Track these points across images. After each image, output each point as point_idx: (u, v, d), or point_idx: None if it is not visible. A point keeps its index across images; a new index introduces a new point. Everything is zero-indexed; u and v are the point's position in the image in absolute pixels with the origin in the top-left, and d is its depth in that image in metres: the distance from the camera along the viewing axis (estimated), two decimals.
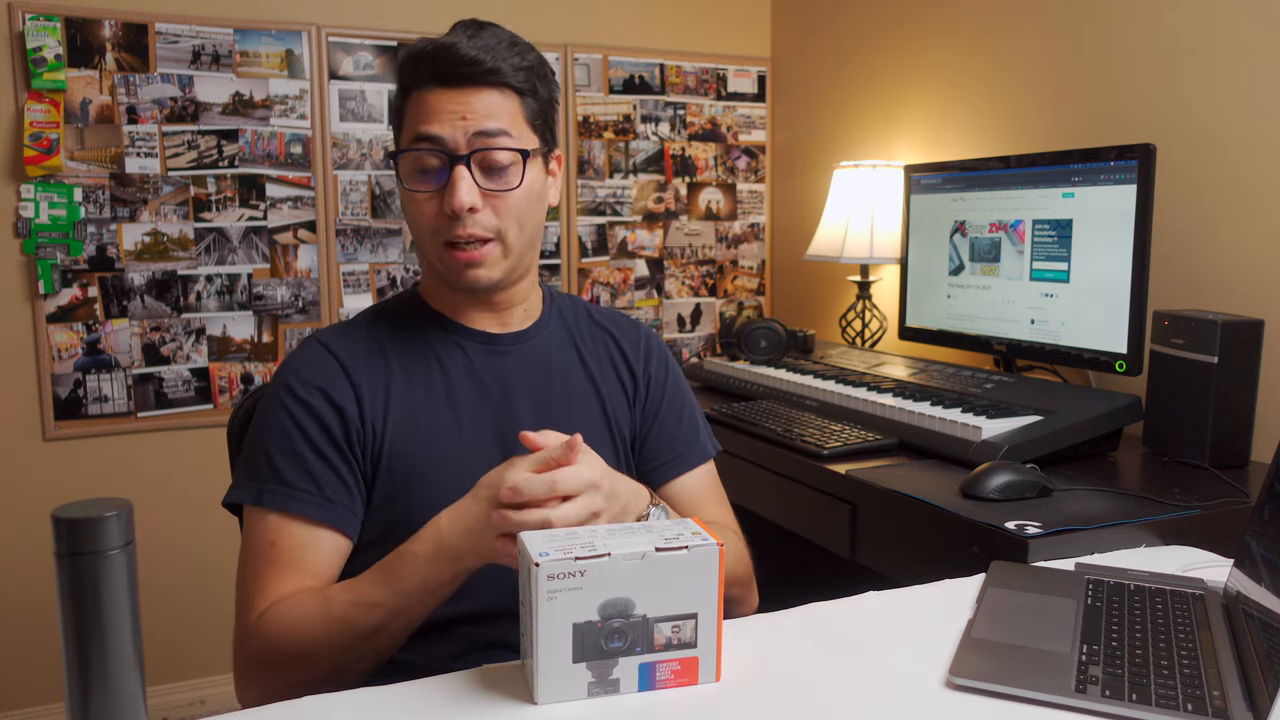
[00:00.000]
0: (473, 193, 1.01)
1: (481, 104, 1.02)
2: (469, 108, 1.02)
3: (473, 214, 1.01)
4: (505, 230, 1.04)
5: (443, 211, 1.02)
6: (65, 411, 2.32)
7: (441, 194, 1.02)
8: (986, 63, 2.22)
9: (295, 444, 1.01)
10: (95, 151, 2.30)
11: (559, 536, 0.82)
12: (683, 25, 2.89)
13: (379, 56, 2.53)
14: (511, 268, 1.07)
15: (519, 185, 1.04)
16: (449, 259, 1.04)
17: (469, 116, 1.01)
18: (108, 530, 0.58)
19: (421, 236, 1.06)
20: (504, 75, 1.03)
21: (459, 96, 1.02)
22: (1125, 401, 1.58)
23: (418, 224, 1.05)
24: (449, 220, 1.02)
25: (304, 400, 1.02)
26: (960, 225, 1.98)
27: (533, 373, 1.12)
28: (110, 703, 0.59)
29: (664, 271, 2.93)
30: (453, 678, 0.85)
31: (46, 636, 2.32)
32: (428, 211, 1.03)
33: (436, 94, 1.02)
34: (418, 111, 1.03)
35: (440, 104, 1.02)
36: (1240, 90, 1.67)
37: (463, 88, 1.02)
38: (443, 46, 1.02)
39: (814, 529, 1.62)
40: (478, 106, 1.02)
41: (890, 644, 0.92)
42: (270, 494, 0.99)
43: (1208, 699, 0.79)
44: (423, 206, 1.03)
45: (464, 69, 1.01)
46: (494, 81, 1.03)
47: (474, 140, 1.01)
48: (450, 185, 1.01)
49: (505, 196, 1.03)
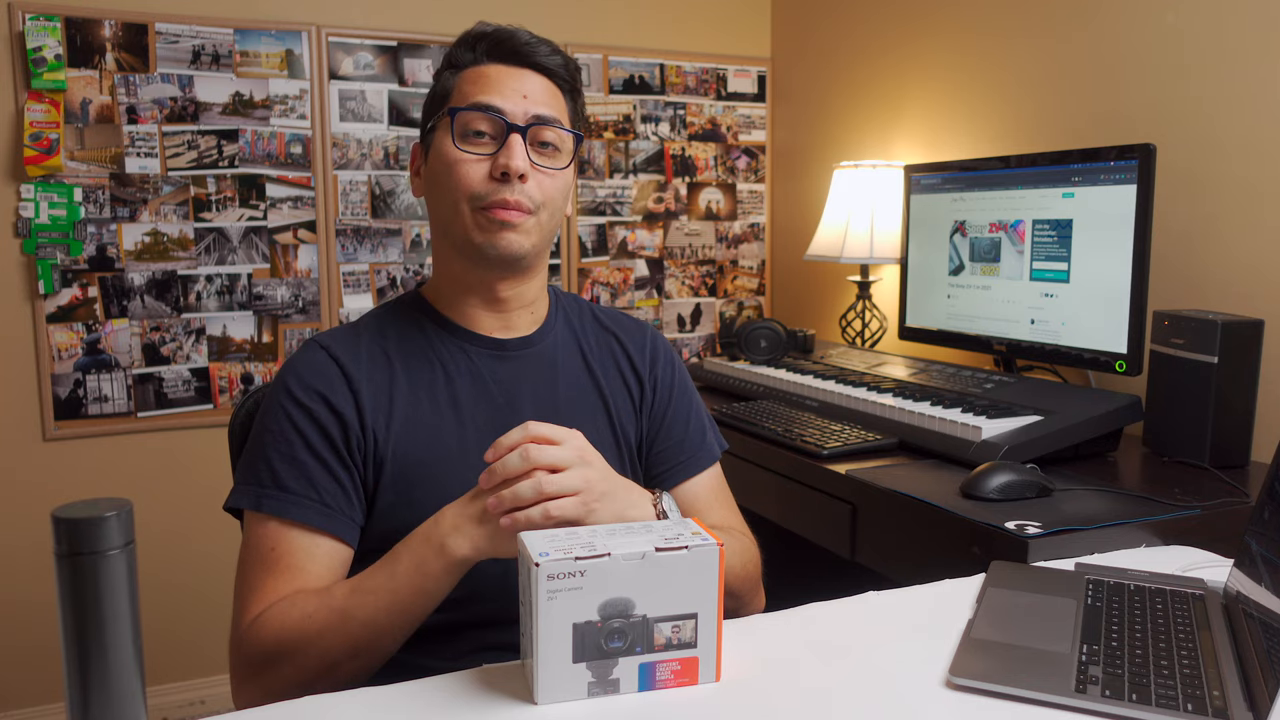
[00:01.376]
0: (526, 161, 1.03)
1: (540, 89, 1.07)
2: (528, 88, 1.06)
3: (522, 182, 1.03)
4: (542, 207, 1.06)
5: (490, 175, 1.03)
6: (65, 411, 2.33)
7: (493, 158, 1.03)
8: (986, 63, 2.22)
9: (295, 450, 1.00)
10: (95, 151, 2.30)
11: (559, 536, 0.82)
12: (683, 25, 2.89)
13: (379, 56, 2.53)
14: (536, 250, 1.08)
15: (565, 167, 1.07)
16: (486, 221, 1.04)
17: (529, 97, 1.05)
18: (108, 530, 0.58)
19: (458, 200, 1.04)
20: (556, 66, 1.08)
21: (519, 75, 1.06)
22: (1125, 401, 1.58)
23: (458, 186, 1.04)
24: (495, 184, 1.03)
25: (304, 405, 1.02)
26: (960, 225, 1.98)
27: (538, 379, 1.11)
28: (110, 703, 0.59)
29: (664, 271, 2.93)
30: (453, 678, 0.85)
31: (46, 636, 2.32)
32: (474, 174, 1.03)
33: (497, 69, 1.06)
34: (475, 83, 1.06)
35: (501, 78, 1.05)
36: (1240, 90, 1.67)
37: (523, 68, 1.06)
38: (502, 30, 1.06)
39: (814, 529, 1.62)
40: (536, 90, 1.06)
41: (890, 644, 0.92)
42: (270, 499, 0.99)
43: (1208, 699, 0.79)
44: (469, 167, 1.03)
45: (526, 49, 1.06)
46: (550, 70, 1.08)
47: (531, 119, 1.05)
48: (506, 148, 1.03)
49: (551, 174, 1.06)
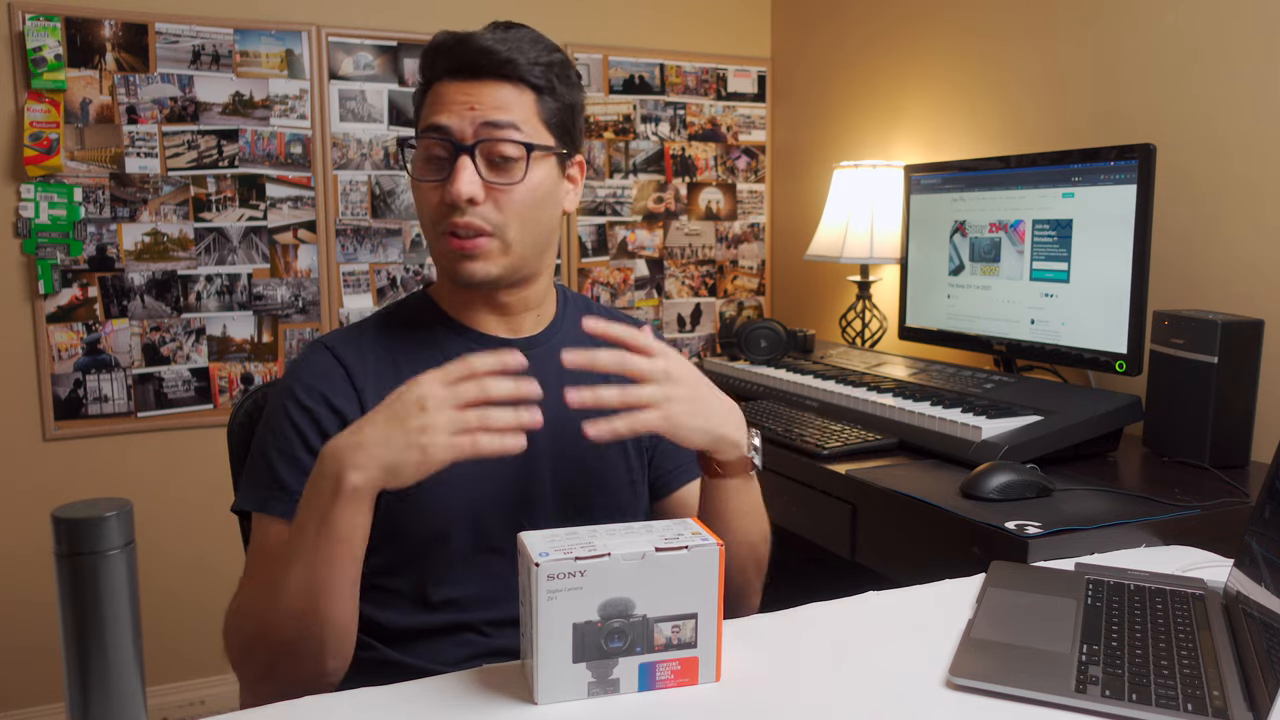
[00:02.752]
0: (473, 183, 1.00)
1: (492, 96, 1.01)
2: (478, 98, 1.01)
3: (473, 205, 1.00)
4: (505, 226, 1.02)
5: (444, 201, 1.01)
6: (65, 411, 2.32)
7: (445, 184, 1.01)
8: (986, 63, 2.22)
9: (296, 450, 1.00)
10: (95, 151, 2.30)
11: (559, 537, 0.82)
12: (683, 25, 2.89)
13: (379, 56, 2.53)
14: (513, 267, 1.05)
15: (521, 179, 1.02)
16: (447, 248, 1.03)
17: (477, 107, 1.00)
18: (108, 530, 0.58)
19: (425, 227, 1.06)
20: (519, 68, 1.01)
21: (470, 88, 1.01)
22: (1125, 401, 1.58)
23: (422, 214, 1.05)
24: (449, 210, 1.01)
25: (306, 406, 1.02)
26: (960, 225, 1.98)
27: (544, 379, 1.10)
28: (110, 703, 0.59)
29: (664, 271, 2.93)
30: (453, 678, 0.85)
31: (46, 636, 2.32)
32: (432, 201, 1.02)
33: (450, 85, 1.02)
34: (431, 103, 1.03)
35: (452, 94, 1.01)
36: (1241, 90, 1.67)
37: (476, 80, 1.01)
38: (461, 38, 1.02)
39: (814, 529, 1.62)
40: (487, 98, 1.01)
41: (890, 644, 0.92)
42: (272, 501, 0.99)
43: (1208, 699, 0.79)
44: (428, 195, 1.03)
45: (478, 59, 1.01)
46: (508, 74, 1.02)
47: (480, 130, 1.00)
48: (452, 174, 0.99)
49: (508, 191, 1.01)
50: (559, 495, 1.08)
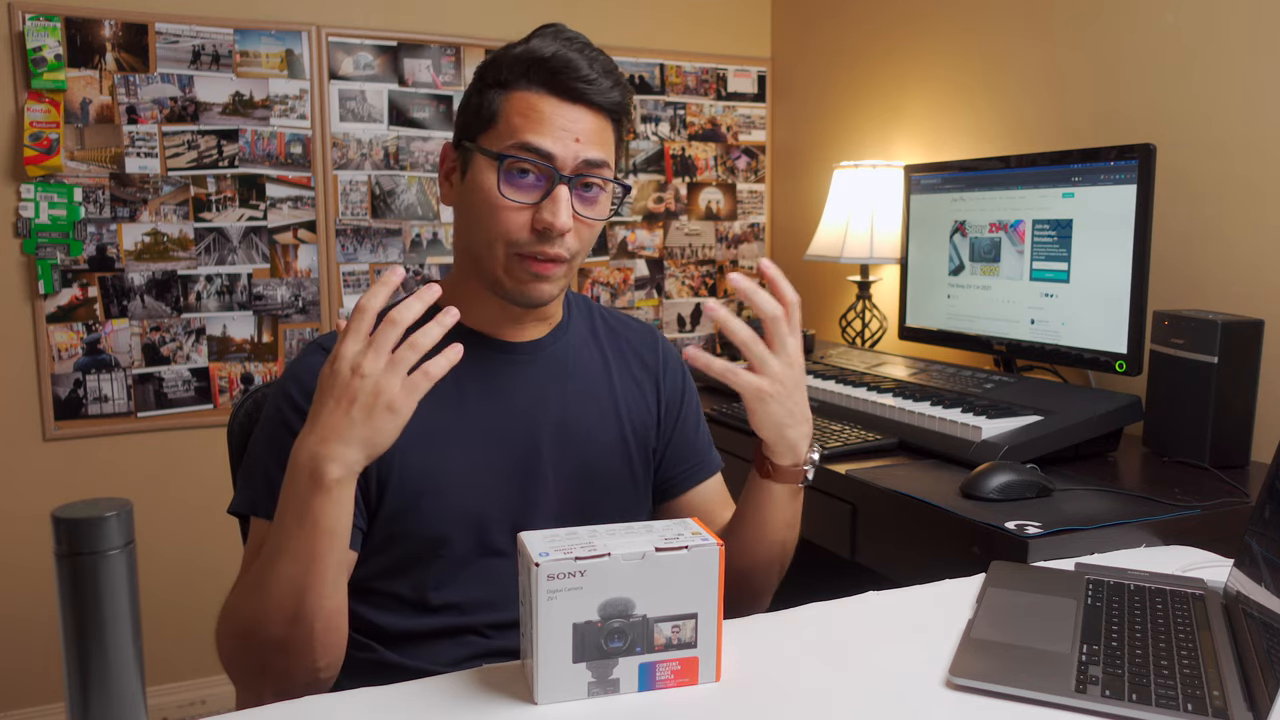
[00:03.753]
0: (569, 217, 1.00)
1: (594, 130, 1.01)
2: (581, 129, 1.00)
3: (561, 237, 1.00)
4: (577, 254, 1.04)
5: (532, 225, 0.99)
6: (65, 411, 2.32)
7: (533, 207, 0.99)
8: (986, 63, 2.22)
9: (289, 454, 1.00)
10: (95, 151, 2.30)
11: (559, 537, 0.82)
12: (683, 25, 2.89)
13: (379, 56, 2.53)
14: (562, 290, 1.08)
15: (604, 217, 1.04)
16: (520, 270, 1.01)
17: (581, 139, 1.00)
18: (108, 530, 0.58)
19: (493, 243, 1.02)
20: (613, 101, 1.02)
21: (572, 113, 1.00)
22: (1125, 401, 1.58)
23: (494, 230, 1.01)
24: (535, 235, 1.00)
25: (301, 409, 1.01)
26: (960, 225, 1.98)
27: (549, 382, 1.11)
28: (110, 703, 0.59)
29: (664, 271, 2.93)
30: (453, 678, 0.85)
31: (46, 636, 2.32)
32: (515, 221, 1.00)
33: (550, 102, 1.00)
34: (525, 116, 1.00)
35: (554, 116, 0.99)
36: (1241, 90, 1.67)
37: (576, 104, 1.00)
38: (562, 58, 1.00)
39: (814, 529, 1.62)
40: (589, 130, 1.01)
41: (890, 644, 0.92)
42: (264, 503, 0.98)
43: (1208, 699, 0.79)
44: (512, 215, 1.00)
45: (585, 85, 1.00)
46: (603, 106, 1.02)
47: (581, 166, 1.00)
48: (552, 203, 0.98)
49: (590, 225, 1.03)
50: (561, 497, 1.08)
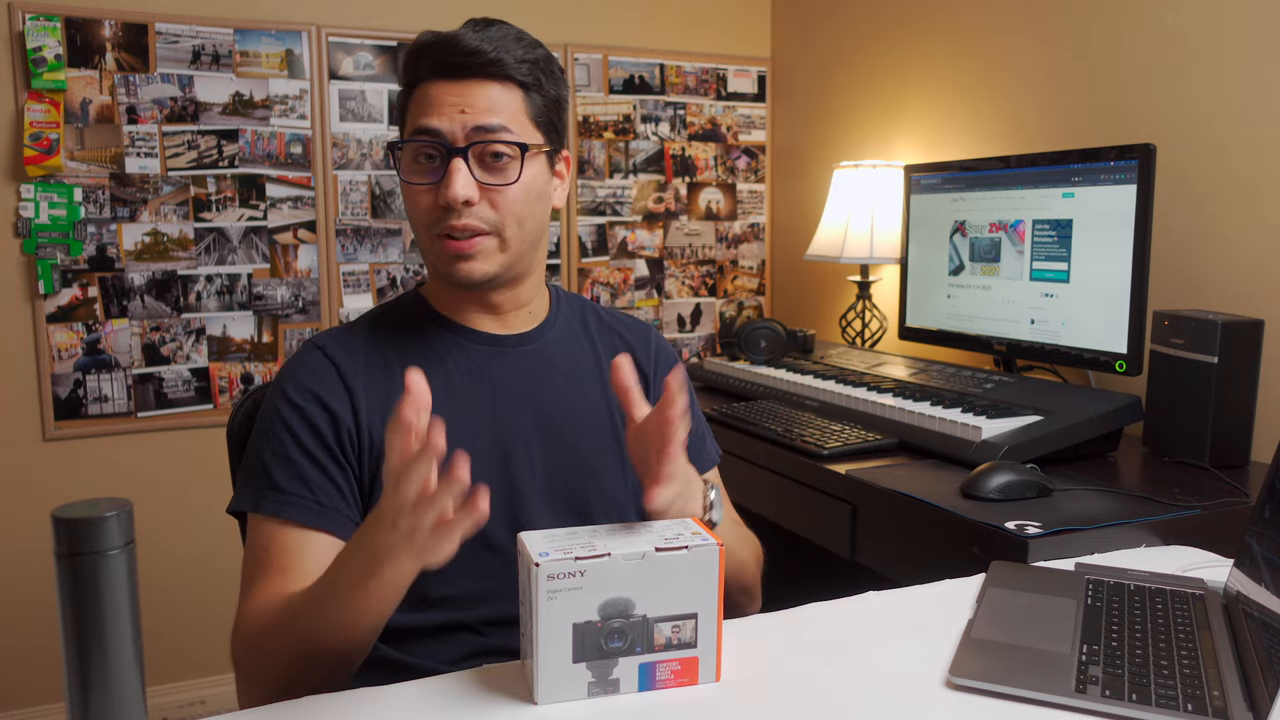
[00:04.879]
0: (469, 185, 1.00)
1: (482, 97, 1.01)
2: (468, 100, 1.01)
3: (469, 207, 1.01)
4: (503, 225, 1.03)
5: (438, 204, 1.01)
6: (65, 411, 2.32)
7: (438, 187, 1.01)
8: (986, 63, 2.22)
9: (288, 450, 1.01)
10: (95, 151, 2.30)
11: (559, 537, 0.82)
12: (683, 25, 2.89)
13: (379, 56, 2.53)
14: (509, 265, 1.06)
15: (516, 180, 1.02)
16: (442, 250, 1.03)
17: (468, 110, 1.00)
18: (108, 530, 0.58)
19: (418, 230, 1.06)
20: (506, 67, 1.01)
21: (459, 89, 1.01)
22: (1125, 401, 1.58)
23: (414, 217, 1.05)
24: (444, 212, 1.01)
25: (298, 405, 1.02)
26: (960, 225, 1.98)
27: (537, 375, 1.11)
28: (110, 703, 0.59)
29: (664, 271, 2.93)
30: (453, 678, 0.85)
31: (46, 636, 2.32)
32: (424, 204, 1.03)
33: (437, 86, 1.01)
34: (419, 105, 1.02)
35: (440, 96, 1.01)
36: (1241, 90, 1.67)
37: (463, 80, 1.01)
38: (445, 38, 1.01)
39: (814, 529, 1.62)
40: (478, 100, 1.01)
41: (890, 644, 0.92)
42: (265, 500, 0.99)
43: (1208, 699, 0.79)
44: (420, 199, 1.03)
45: (465, 59, 1.00)
46: (495, 74, 1.01)
47: (472, 134, 1.00)
48: (446, 177, 1.00)
49: (503, 191, 1.02)
50: (553, 490, 1.08)
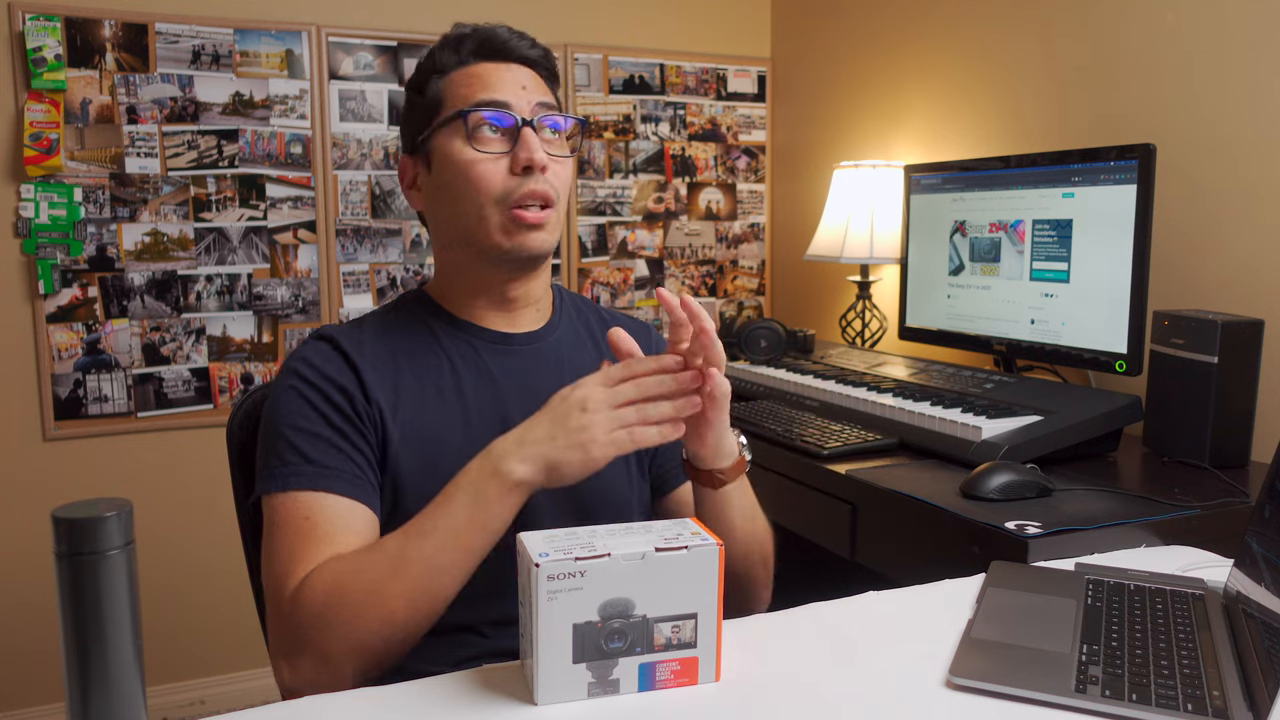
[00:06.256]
0: (543, 152, 1.04)
1: (532, 79, 1.07)
2: (522, 80, 1.06)
3: (543, 174, 1.04)
4: (559, 197, 1.07)
5: (511, 172, 1.03)
6: (65, 411, 2.32)
7: (510, 155, 1.04)
8: (986, 63, 2.22)
9: (315, 426, 1.00)
10: (95, 151, 2.30)
11: (559, 537, 0.82)
12: (683, 25, 2.89)
13: (379, 56, 2.53)
14: (554, 244, 1.09)
15: (573, 154, 1.09)
16: (514, 225, 1.04)
17: (527, 87, 1.06)
18: (108, 530, 0.58)
19: (481, 203, 1.04)
20: (540, 57, 1.09)
21: (510, 70, 1.06)
22: (1125, 401, 1.58)
23: (480, 188, 1.04)
24: (517, 180, 1.03)
25: (313, 383, 1.02)
26: (960, 225, 1.98)
27: (543, 373, 1.11)
28: (110, 703, 0.59)
29: (664, 271, 2.93)
30: (453, 678, 0.85)
31: (46, 636, 2.32)
32: (494, 173, 1.04)
33: (488, 66, 1.06)
34: (469, 84, 1.05)
35: (496, 74, 1.05)
36: (1241, 90, 1.67)
37: (509, 62, 1.07)
38: (481, 29, 1.06)
39: (814, 529, 1.62)
40: (530, 80, 1.07)
41: (890, 644, 0.92)
42: (297, 476, 0.98)
43: (1208, 699, 0.79)
44: (488, 167, 1.04)
45: (510, 45, 1.06)
46: (535, 61, 1.08)
47: (537, 109, 1.05)
48: (522, 142, 1.03)
49: (564, 163, 1.07)
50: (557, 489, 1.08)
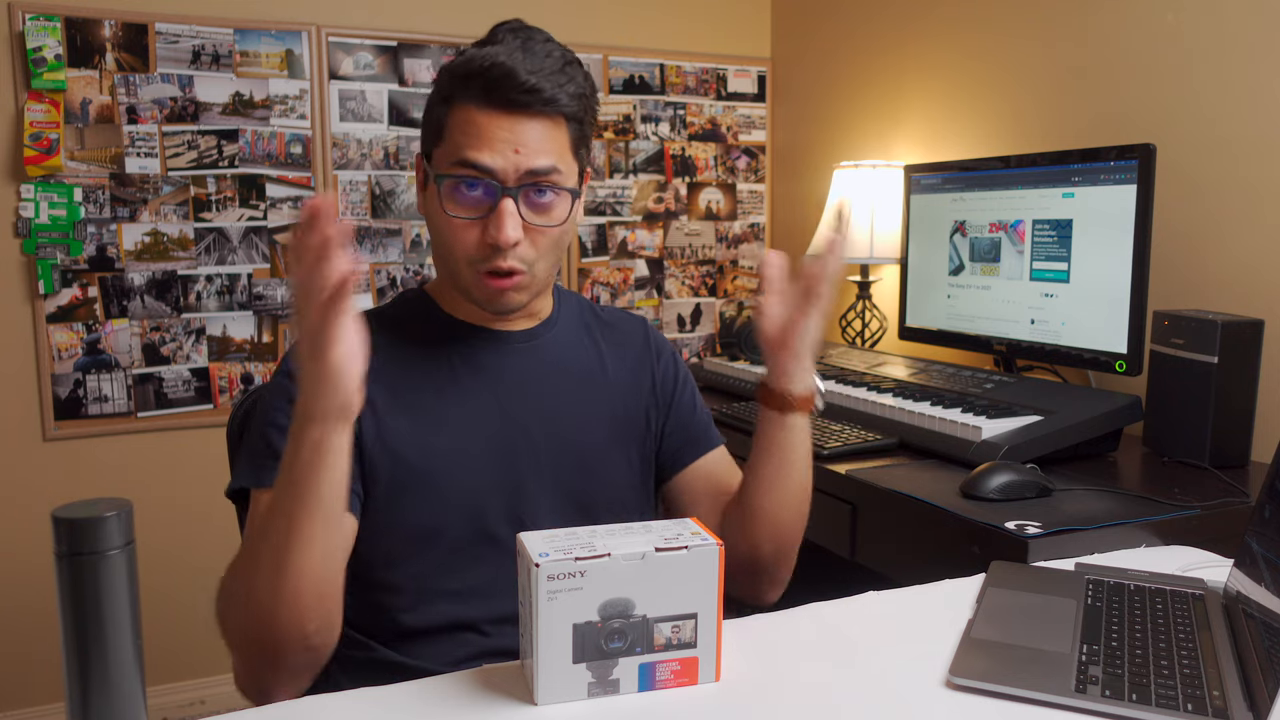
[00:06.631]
0: (518, 228, 0.99)
1: (535, 136, 0.99)
2: (521, 139, 0.98)
3: (514, 248, 1.00)
4: (537, 262, 1.03)
5: (483, 240, 1.00)
6: (65, 411, 2.32)
7: (483, 222, 1.00)
8: (986, 63, 2.22)
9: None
10: (95, 151, 2.30)
11: (559, 537, 0.82)
12: (683, 25, 2.89)
13: (379, 56, 2.53)
14: (536, 292, 1.07)
15: (562, 224, 1.03)
16: (483, 285, 1.02)
17: (521, 150, 0.98)
18: (108, 530, 0.58)
19: (454, 259, 1.03)
20: (560, 105, 1.00)
21: (510, 123, 0.98)
22: (1125, 401, 1.58)
23: (452, 248, 1.02)
24: (489, 250, 1.00)
25: None
26: (960, 225, 1.98)
27: (541, 371, 1.11)
28: (110, 703, 0.59)
29: (664, 271, 2.93)
30: (453, 678, 0.85)
31: (46, 636, 2.32)
32: (467, 238, 1.01)
33: (488, 116, 0.98)
34: (465, 131, 0.99)
35: (492, 130, 0.98)
36: (1241, 90, 1.67)
37: (515, 114, 0.99)
38: (499, 67, 0.97)
39: (814, 529, 1.61)
40: (530, 139, 0.99)
41: (890, 644, 0.92)
42: (268, 471, 0.95)
43: (1208, 699, 0.79)
44: (463, 234, 1.01)
45: (521, 96, 0.98)
46: (549, 111, 1.00)
47: (524, 176, 0.99)
48: (496, 218, 0.98)
49: (546, 232, 1.02)
50: (556, 485, 1.08)
